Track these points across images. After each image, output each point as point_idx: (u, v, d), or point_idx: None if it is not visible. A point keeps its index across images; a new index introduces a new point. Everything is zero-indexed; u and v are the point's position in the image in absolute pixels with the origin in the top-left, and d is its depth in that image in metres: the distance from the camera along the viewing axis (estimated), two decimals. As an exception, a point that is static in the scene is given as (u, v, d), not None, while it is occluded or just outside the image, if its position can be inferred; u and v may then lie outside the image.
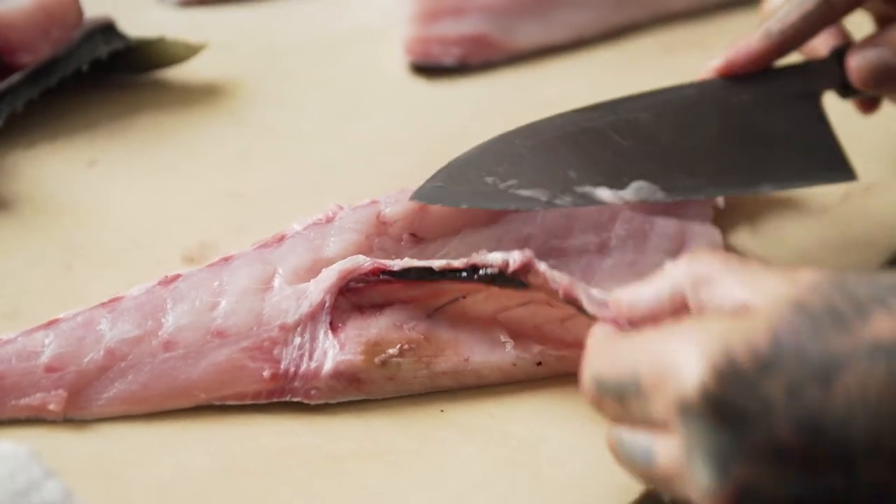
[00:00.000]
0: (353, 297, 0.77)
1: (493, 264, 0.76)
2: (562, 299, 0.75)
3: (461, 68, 1.04)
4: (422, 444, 0.75)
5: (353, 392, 0.76)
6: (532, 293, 0.76)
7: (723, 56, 0.86)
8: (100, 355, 0.75)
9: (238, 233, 0.87)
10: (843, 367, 0.58)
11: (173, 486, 0.72)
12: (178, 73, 1.01)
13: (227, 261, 0.78)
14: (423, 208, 0.81)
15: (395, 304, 0.77)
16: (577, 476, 0.74)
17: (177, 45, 1.00)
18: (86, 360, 0.75)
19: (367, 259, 0.77)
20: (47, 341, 0.75)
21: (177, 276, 0.78)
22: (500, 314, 0.78)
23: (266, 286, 0.77)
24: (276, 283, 0.77)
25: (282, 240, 0.79)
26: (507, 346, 0.78)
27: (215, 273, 0.78)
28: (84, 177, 0.92)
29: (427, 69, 1.04)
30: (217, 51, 1.02)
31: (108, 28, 0.98)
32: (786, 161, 0.85)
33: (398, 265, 0.77)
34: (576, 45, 1.08)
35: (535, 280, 0.75)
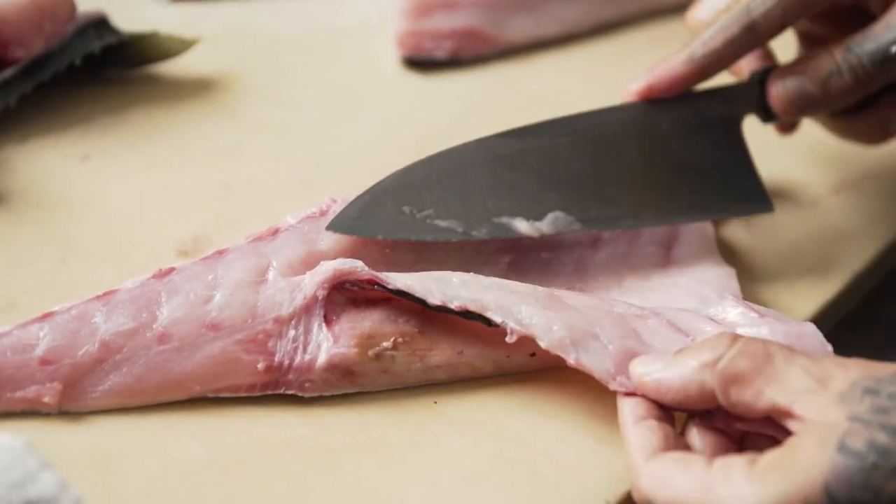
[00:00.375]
0: (348, 291, 0.78)
1: (491, 319, 0.75)
2: (571, 366, 0.75)
3: (453, 62, 1.05)
4: (415, 437, 0.75)
5: (347, 385, 0.77)
6: None
7: (644, 79, 0.85)
8: (94, 348, 0.75)
9: (232, 227, 0.87)
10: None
11: (168, 478, 0.72)
12: (171, 68, 1.01)
13: (221, 254, 0.79)
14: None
15: (390, 299, 0.78)
16: (570, 467, 0.74)
17: (170, 39, 1.00)
18: (80, 353, 0.75)
19: (364, 267, 0.77)
20: (42, 334, 0.75)
21: (171, 270, 0.78)
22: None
23: (260, 279, 0.77)
24: (271, 275, 0.77)
25: (276, 233, 0.79)
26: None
27: (210, 266, 0.78)
28: (78, 171, 0.92)
29: (419, 63, 1.04)
30: (210, 45, 1.02)
31: (100, 23, 0.98)
32: (702, 192, 0.85)
33: (394, 284, 0.76)
34: (567, 38, 1.08)
35: (537, 347, 0.75)
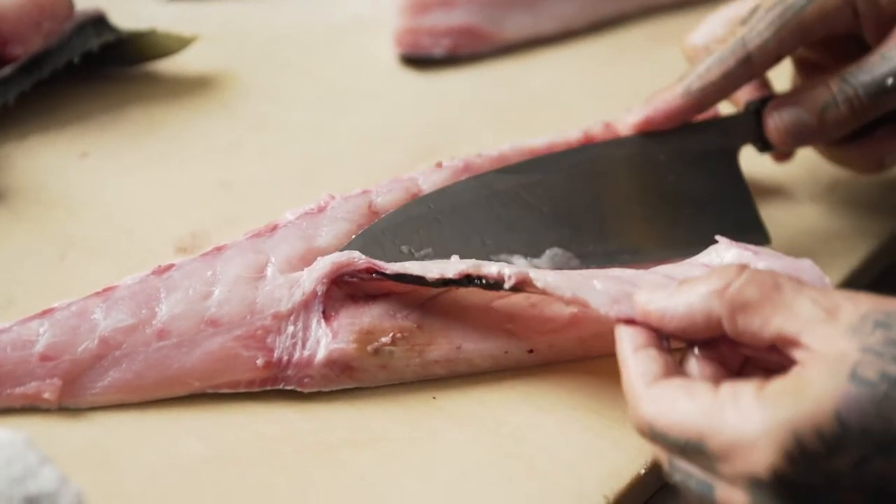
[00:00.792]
0: (347, 286, 0.78)
1: (488, 276, 0.75)
2: (568, 303, 0.74)
3: (451, 59, 1.05)
4: (414, 432, 0.75)
5: (346, 380, 0.77)
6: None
7: (641, 112, 0.85)
8: (94, 344, 0.75)
9: (230, 223, 0.87)
10: None
11: (167, 473, 0.72)
12: (169, 66, 1.02)
13: (219, 250, 0.79)
14: (415, 197, 0.81)
15: (388, 293, 0.78)
16: (568, 462, 0.74)
17: (168, 37, 1.00)
18: (80, 349, 0.75)
19: (361, 256, 0.77)
20: (42, 330, 0.75)
21: (170, 266, 0.78)
22: (494, 301, 0.78)
23: (259, 275, 0.77)
24: (269, 272, 0.78)
25: (274, 229, 0.80)
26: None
27: (208, 262, 0.78)
28: (76, 168, 0.92)
29: (417, 60, 1.05)
30: (208, 43, 1.02)
31: (99, 20, 0.98)
32: (700, 224, 0.85)
33: (392, 269, 0.77)
34: (564, 36, 1.09)
35: (534, 289, 0.75)
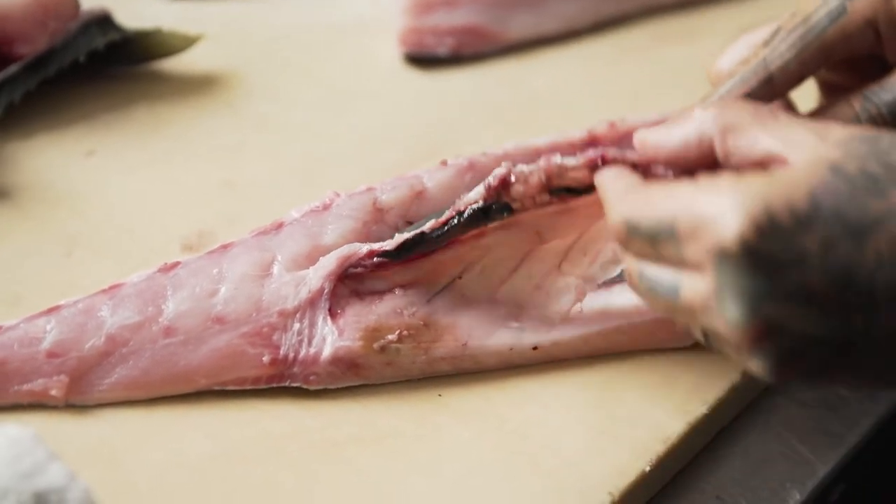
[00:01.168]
0: (352, 283, 0.78)
1: (475, 198, 0.77)
2: (553, 186, 0.76)
3: (454, 59, 1.05)
4: (420, 429, 0.76)
5: (352, 377, 0.77)
6: (523, 226, 0.78)
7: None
8: (101, 341, 0.76)
9: (235, 222, 0.87)
10: (876, 226, 0.62)
11: (174, 470, 0.73)
12: (174, 65, 1.02)
13: (225, 248, 0.79)
14: (419, 194, 0.81)
15: (395, 290, 0.78)
16: (573, 460, 0.74)
17: (173, 36, 1.00)
18: (87, 346, 0.75)
19: (362, 246, 0.78)
20: (49, 327, 0.76)
21: (176, 264, 0.78)
22: (498, 290, 0.79)
23: (265, 273, 0.78)
24: (275, 269, 0.78)
25: (280, 227, 0.80)
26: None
27: (215, 260, 0.78)
28: (82, 167, 0.93)
29: (421, 60, 1.05)
30: (213, 42, 1.02)
31: (104, 20, 0.98)
32: None
33: (391, 243, 0.78)
34: (567, 36, 1.09)
35: (518, 191, 0.76)
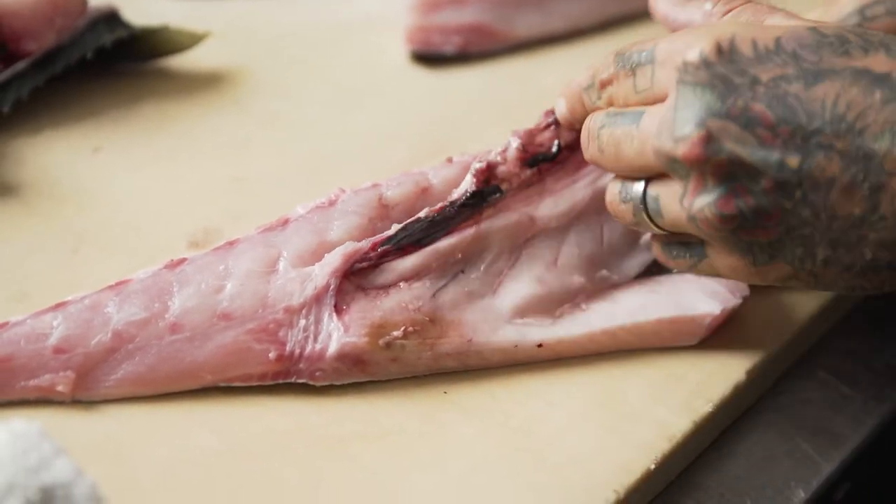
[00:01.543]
0: (358, 279, 0.78)
1: (465, 189, 0.79)
2: (529, 157, 0.81)
3: (461, 57, 1.05)
4: (425, 425, 0.76)
5: (358, 374, 0.77)
6: (514, 212, 0.81)
7: None
8: (107, 337, 0.76)
9: (241, 218, 0.88)
10: (829, 75, 0.68)
11: (179, 466, 0.73)
12: (181, 62, 1.02)
13: (232, 245, 0.79)
14: (425, 191, 0.82)
15: (399, 285, 0.78)
16: (577, 456, 0.74)
17: (180, 33, 1.01)
18: (93, 342, 0.76)
19: (367, 241, 0.79)
20: (55, 323, 0.76)
21: (183, 260, 0.78)
22: (501, 284, 0.79)
23: (271, 269, 0.78)
24: (281, 266, 0.78)
25: (286, 223, 0.80)
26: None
27: (221, 257, 0.78)
28: (89, 163, 0.93)
29: (427, 58, 1.05)
30: (219, 39, 1.03)
31: (112, 17, 0.98)
32: None
33: (393, 230, 0.79)
34: (574, 34, 1.09)
35: (503, 171, 0.80)
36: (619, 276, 0.83)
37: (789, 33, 0.70)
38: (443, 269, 0.79)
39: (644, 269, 0.84)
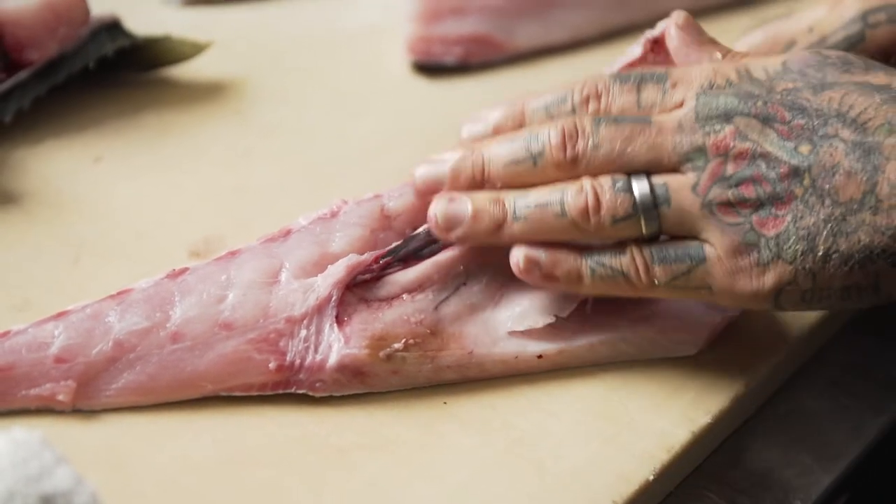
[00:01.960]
0: (361, 291, 0.79)
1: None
2: None
3: (462, 68, 1.05)
4: (425, 436, 0.76)
5: (358, 385, 0.77)
6: None
7: None
8: (108, 346, 0.76)
9: (243, 228, 0.88)
10: (833, 86, 0.75)
11: (180, 475, 0.73)
12: (183, 71, 1.02)
13: (233, 255, 0.79)
14: (427, 201, 0.82)
15: (402, 296, 0.79)
16: (577, 467, 0.75)
17: (182, 43, 1.01)
18: (94, 352, 0.76)
19: (371, 252, 0.79)
20: (57, 333, 0.76)
21: (184, 270, 0.79)
22: (502, 296, 0.80)
23: (273, 280, 0.78)
24: (283, 277, 0.78)
25: (288, 234, 0.80)
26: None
27: (222, 267, 0.79)
28: (90, 172, 0.93)
29: (428, 68, 1.05)
30: (221, 49, 1.03)
31: (114, 26, 0.99)
32: None
33: (394, 244, 0.79)
34: (574, 45, 1.09)
35: None
36: None
37: (794, 56, 0.77)
38: (445, 282, 0.79)
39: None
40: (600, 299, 0.80)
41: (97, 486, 0.66)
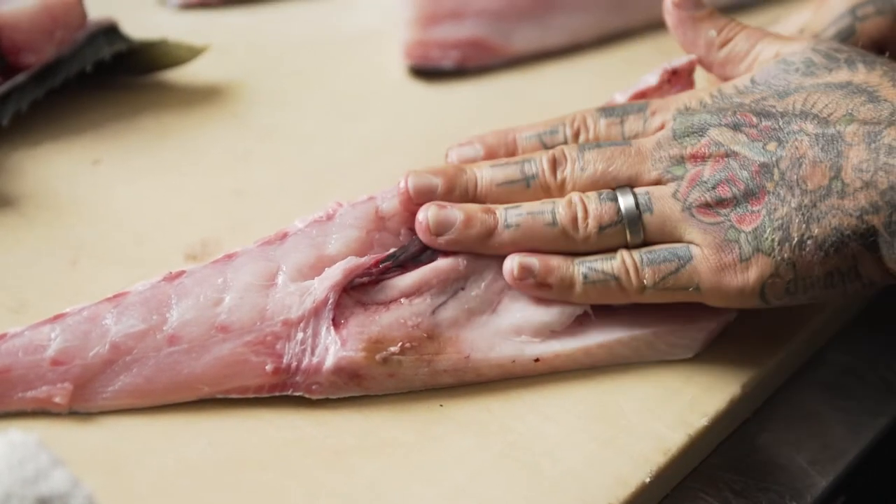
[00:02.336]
0: (358, 294, 0.79)
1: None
2: None
3: (459, 72, 1.05)
4: (421, 438, 0.76)
5: (354, 388, 0.77)
6: None
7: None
8: (105, 349, 0.76)
9: (239, 231, 0.88)
10: (798, 90, 0.79)
11: (176, 477, 0.73)
12: (180, 75, 1.02)
13: (230, 258, 0.79)
14: (415, 209, 0.82)
15: (400, 300, 0.79)
16: (573, 470, 0.75)
17: (179, 47, 1.01)
18: (91, 354, 0.76)
19: (369, 258, 0.79)
20: (53, 335, 0.76)
21: (181, 273, 0.79)
22: (500, 301, 0.80)
23: (270, 283, 0.78)
24: (280, 280, 0.78)
25: (284, 237, 0.80)
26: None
27: (219, 270, 0.79)
28: (88, 175, 0.93)
29: (425, 72, 1.05)
30: (218, 53, 1.03)
31: (111, 30, 0.99)
32: None
33: (392, 249, 0.80)
34: (572, 49, 1.09)
35: None
36: None
37: (761, 70, 0.82)
38: (443, 286, 0.80)
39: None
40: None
41: (93, 489, 0.66)
